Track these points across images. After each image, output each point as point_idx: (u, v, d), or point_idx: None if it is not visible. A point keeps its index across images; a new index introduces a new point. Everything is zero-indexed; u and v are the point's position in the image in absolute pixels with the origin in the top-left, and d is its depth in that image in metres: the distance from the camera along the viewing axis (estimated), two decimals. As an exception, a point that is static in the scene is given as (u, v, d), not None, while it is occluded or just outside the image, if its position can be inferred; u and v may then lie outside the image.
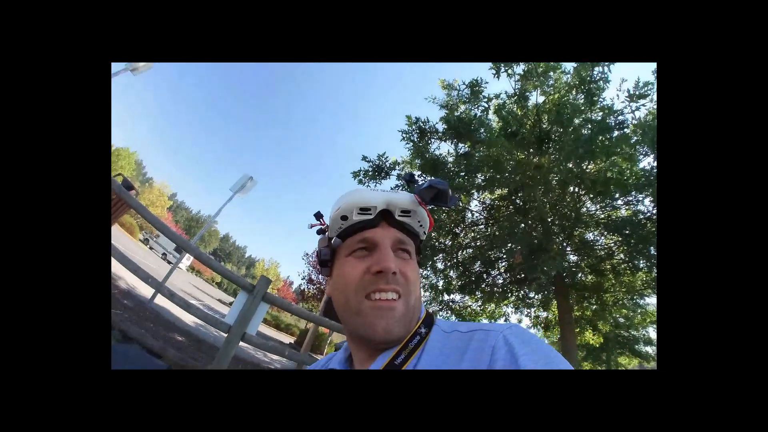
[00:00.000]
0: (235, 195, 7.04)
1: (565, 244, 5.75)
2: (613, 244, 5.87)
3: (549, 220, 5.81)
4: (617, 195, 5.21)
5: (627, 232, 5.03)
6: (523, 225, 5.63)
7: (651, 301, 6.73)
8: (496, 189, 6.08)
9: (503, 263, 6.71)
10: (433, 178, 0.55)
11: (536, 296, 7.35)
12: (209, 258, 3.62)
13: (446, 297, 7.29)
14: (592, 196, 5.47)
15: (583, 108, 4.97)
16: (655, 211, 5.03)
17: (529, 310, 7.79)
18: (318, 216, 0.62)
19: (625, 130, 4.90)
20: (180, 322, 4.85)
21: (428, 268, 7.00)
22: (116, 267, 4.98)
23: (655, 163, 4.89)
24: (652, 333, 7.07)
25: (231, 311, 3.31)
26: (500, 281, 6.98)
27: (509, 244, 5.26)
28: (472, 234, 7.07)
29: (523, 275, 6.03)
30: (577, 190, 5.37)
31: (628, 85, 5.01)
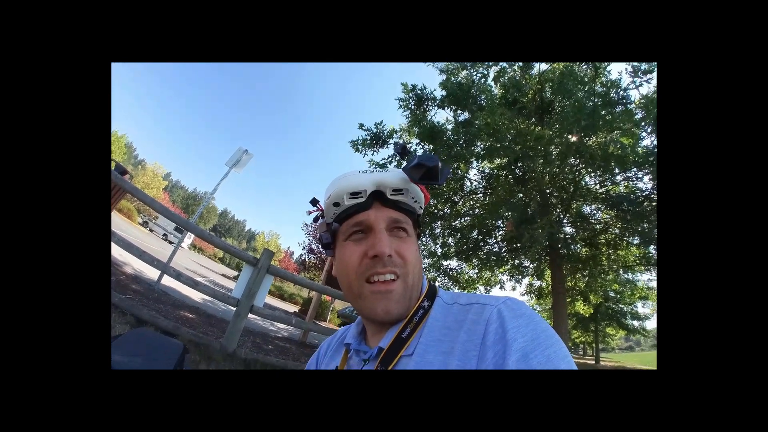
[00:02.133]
0: (232, 170, 6.97)
1: (562, 216, 5.83)
2: (609, 219, 5.95)
3: (547, 191, 5.85)
4: (617, 171, 5.19)
5: (624, 207, 5.10)
6: (521, 195, 5.67)
7: (642, 277, 6.94)
8: (496, 158, 6.04)
9: (500, 232, 6.83)
10: (422, 153, 0.55)
11: (531, 265, 7.55)
12: (211, 235, 3.69)
13: (444, 263, 7.47)
14: (591, 170, 5.46)
15: (587, 80, 4.84)
16: (653, 189, 5.06)
17: (523, 278, 8.04)
18: (314, 202, 0.62)
19: (629, 105, 4.82)
20: (189, 300, 5.01)
21: (426, 235, 7.10)
22: (121, 253, 5.07)
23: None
24: (640, 308, 7.39)
25: (237, 285, 3.42)
26: (496, 249, 7.13)
27: (506, 213, 5.33)
28: (471, 202, 7.12)
29: (518, 244, 6.17)
30: (577, 162, 5.35)
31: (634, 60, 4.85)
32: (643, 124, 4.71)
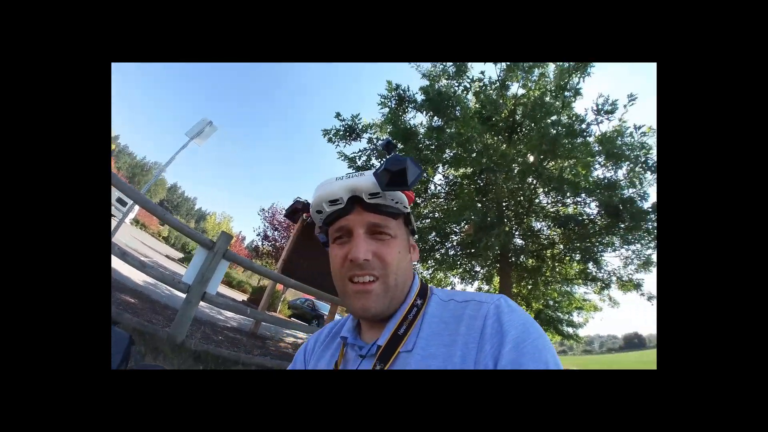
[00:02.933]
0: (193, 141, 6.54)
1: (515, 229, 6.24)
2: (556, 236, 6.52)
3: (504, 204, 6.22)
4: (569, 194, 5.68)
5: (570, 227, 5.64)
6: (480, 204, 5.97)
7: (579, 290, 7.70)
8: (461, 167, 6.28)
9: (456, 237, 7.13)
10: (394, 154, 0.54)
11: (482, 270, 8.00)
12: (165, 213, 3.41)
13: None
14: (546, 190, 5.92)
15: (555, 110, 5.23)
16: (597, 214, 5.62)
17: (473, 282, 8.47)
18: (305, 206, 0.65)
19: (588, 138, 5.29)
20: (130, 282, 4.59)
21: None
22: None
23: (608, 174, 5.41)
24: (575, 317, 8.16)
25: (189, 270, 3.19)
26: (452, 253, 7.44)
27: (464, 220, 5.58)
28: (432, 206, 7.35)
29: (473, 250, 6.51)
30: (534, 182, 5.77)
31: (601, 99, 5.33)
32: (597, 157, 5.23)
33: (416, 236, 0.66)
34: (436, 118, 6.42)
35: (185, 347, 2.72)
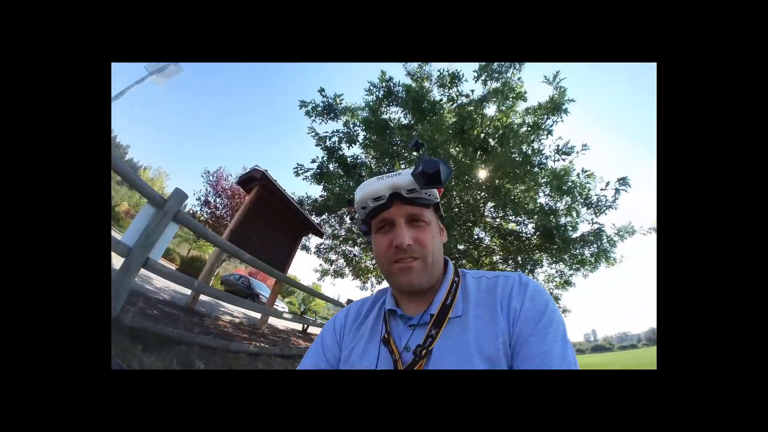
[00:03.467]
0: (152, 77, 5.84)
1: (460, 235, 6.74)
2: (495, 246, 7.22)
3: (455, 210, 6.66)
4: (514, 213, 6.33)
5: (510, 240, 6.36)
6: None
7: None
8: (424, 168, 6.56)
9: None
10: (430, 158, 0.62)
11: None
12: (118, 161, 3.00)
13: (344, 248, 8.30)
14: (494, 205, 6.51)
15: (524, 141, 5.75)
16: (533, 235, 6.33)
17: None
18: (350, 202, 0.77)
19: (543, 170, 5.96)
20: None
21: (335, 216, 7.59)
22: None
23: (551, 202, 6.11)
24: None
25: (131, 230, 2.81)
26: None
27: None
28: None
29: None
30: (485, 195, 6.31)
31: (561, 142, 6.03)
32: (544, 187, 5.92)
33: (444, 220, 0.77)
34: (409, 116, 6.60)
35: (120, 323, 2.38)
